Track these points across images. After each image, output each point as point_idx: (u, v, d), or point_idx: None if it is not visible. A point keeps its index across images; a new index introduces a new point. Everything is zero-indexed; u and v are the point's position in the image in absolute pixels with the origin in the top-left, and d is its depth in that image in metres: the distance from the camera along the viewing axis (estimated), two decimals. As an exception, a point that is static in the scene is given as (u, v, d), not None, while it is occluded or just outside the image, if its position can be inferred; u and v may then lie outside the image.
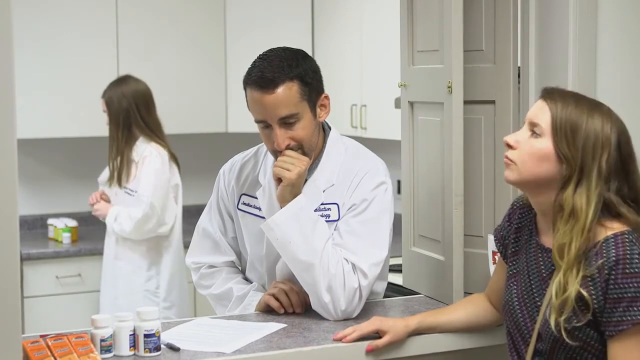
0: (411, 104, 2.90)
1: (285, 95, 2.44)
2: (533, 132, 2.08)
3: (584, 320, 1.98)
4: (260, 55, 2.52)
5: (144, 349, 2.21)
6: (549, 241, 2.11)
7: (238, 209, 2.68)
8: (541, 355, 2.08)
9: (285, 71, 2.45)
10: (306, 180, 2.55)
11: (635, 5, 2.70)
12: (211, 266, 2.75)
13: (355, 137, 2.85)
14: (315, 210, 2.52)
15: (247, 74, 2.50)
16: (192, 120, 5.30)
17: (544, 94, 2.11)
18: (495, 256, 2.63)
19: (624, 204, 2.02)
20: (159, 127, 4.42)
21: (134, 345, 2.21)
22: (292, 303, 2.55)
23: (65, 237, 4.97)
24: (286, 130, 2.47)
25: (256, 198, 2.62)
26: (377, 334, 2.34)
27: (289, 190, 2.47)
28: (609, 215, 2.02)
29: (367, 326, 2.34)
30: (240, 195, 2.67)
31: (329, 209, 2.55)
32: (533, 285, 2.12)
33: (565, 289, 1.98)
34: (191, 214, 4.73)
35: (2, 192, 1.89)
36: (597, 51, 2.66)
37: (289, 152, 2.47)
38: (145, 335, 2.20)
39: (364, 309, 2.51)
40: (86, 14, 5.02)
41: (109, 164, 4.41)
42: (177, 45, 5.24)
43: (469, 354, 2.47)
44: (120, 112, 4.34)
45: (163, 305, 4.34)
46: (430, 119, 2.78)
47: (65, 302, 4.83)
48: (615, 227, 2.00)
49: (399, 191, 3.16)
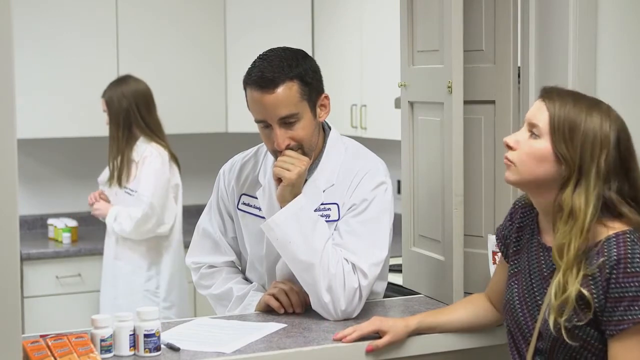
0: (411, 104, 2.90)
1: (285, 95, 2.44)
2: (532, 132, 2.08)
3: (585, 320, 1.98)
4: (260, 55, 2.52)
5: (144, 349, 2.21)
6: (550, 240, 2.10)
7: (238, 209, 2.68)
8: (542, 354, 2.08)
9: (285, 71, 2.45)
10: (306, 180, 2.55)
11: (635, 5, 2.70)
12: (211, 266, 2.75)
13: (355, 137, 2.85)
14: (315, 210, 2.52)
15: (247, 74, 2.50)
16: (192, 120, 5.30)
17: (542, 93, 2.11)
18: (496, 256, 2.63)
19: (625, 203, 2.02)
20: (159, 127, 4.42)
21: (134, 345, 2.21)
22: (292, 303, 2.55)
23: (65, 237, 4.97)
24: (286, 130, 2.47)
25: (256, 198, 2.62)
26: (377, 334, 2.34)
27: (289, 190, 2.47)
28: (610, 215, 2.02)
29: (367, 326, 2.34)
30: (240, 195, 2.67)
31: (329, 209, 2.55)
32: (534, 284, 2.12)
33: (565, 289, 1.98)
34: (191, 214, 4.73)
35: (2, 192, 1.89)
36: (597, 51, 2.66)
37: (289, 152, 2.47)
38: (145, 335, 2.20)
39: (364, 309, 2.51)
40: (86, 14, 5.02)
41: (109, 164, 4.41)
42: (177, 45, 5.24)
43: (469, 354, 2.47)
44: (120, 112, 4.33)
45: (163, 305, 4.34)
46: (430, 119, 2.78)
47: (65, 302, 4.83)
48: (616, 226, 2.00)
49: (399, 191, 3.16)
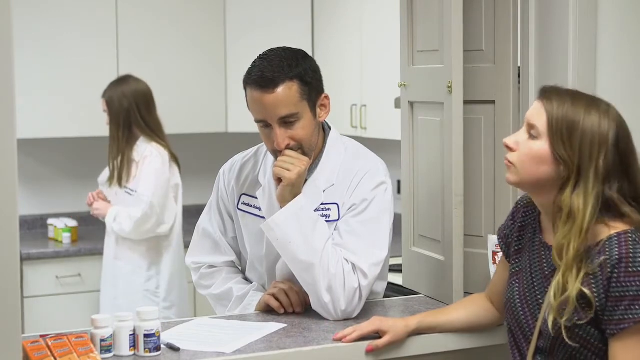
0: (411, 104, 2.90)
1: (285, 94, 2.44)
2: (530, 134, 2.08)
3: (585, 319, 1.98)
4: (261, 55, 2.52)
5: (144, 349, 2.21)
6: (552, 239, 2.10)
7: (238, 209, 2.68)
8: (542, 352, 2.08)
9: (285, 71, 2.45)
10: (306, 180, 2.55)
11: (635, 5, 2.70)
12: (211, 266, 2.75)
13: (355, 137, 2.85)
14: (315, 210, 2.52)
15: (247, 73, 2.50)
16: (192, 120, 5.30)
17: (540, 94, 2.11)
18: (496, 256, 2.63)
19: (626, 203, 2.02)
20: (159, 127, 4.42)
21: (134, 345, 2.21)
22: (292, 303, 2.55)
23: (65, 237, 4.97)
24: (286, 129, 2.47)
25: (256, 198, 2.62)
26: (377, 334, 2.34)
27: (289, 190, 2.47)
28: (612, 214, 2.02)
29: (367, 326, 2.34)
30: (240, 195, 2.67)
31: (329, 209, 2.55)
32: (535, 283, 2.12)
33: (565, 289, 1.98)
34: (191, 214, 4.73)
35: (2, 192, 1.89)
36: (597, 51, 2.66)
37: (288, 152, 2.47)
38: (145, 335, 2.20)
39: (364, 309, 2.51)
40: (86, 14, 5.02)
41: (109, 164, 4.41)
42: (177, 45, 5.24)
43: (469, 354, 2.47)
44: (120, 112, 4.33)
45: (163, 305, 4.34)
46: (430, 119, 2.78)
47: (65, 302, 4.83)
48: (618, 226, 2.00)
49: (399, 191, 3.16)
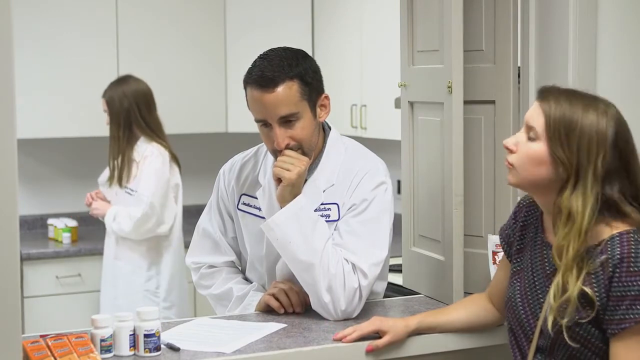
0: (411, 104, 2.90)
1: (285, 94, 2.44)
2: (529, 135, 2.08)
3: (587, 318, 1.98)
4: (261, 55, 2.52)
5: (144, 349, 2.21)
6: (554, 238, 2.10)
7: (238, 209, 2.68)
8: (543, 351, 2.08)
9: (286, 70, 2.45)
10: (306, 180, 2.55)
11: (635, 5, 2.70)
12: (211, 266, 2.75)
13: (355, 137, 2.85)
14: (315, 210, 2.52)
15: (247, 73, 2.50)
16: (192, 120, 5.30)
17: (538, 94, 2.10)
18: (496, 256, 2.63)
19: (628, 202, 2.02)
20: (159, 127, 4.42)
21: (134, 345, 2.21)
22: (292, 303, 2.55)
23: (65, 237, 4.97)
24: (286, 129, 2.46)
25: (256, 198, 2.61)
26: (377, 334, 2.34)
27: (288, 190, 2.47)
28: (614, 214, 2.02)
29: (367, 326, 2.34)
30: (240, 195, 2.67)
31: (329, 209, 2.55)
32: (536, 282, 2.12)
33: (565, 289, 1.98)
34: (191, 214, 4.73)
35: (2, 192, 1.89)
36: (597, 51, 2.66)
37: (288, 152, 2.47)
38: (145, 335, 2.20)
39: (364, 309, 2.51)
40: (86, 14, 5.02)
41: (109, 164, 4.40)
42: (177, 45, 5.24)
43: (469, 353, 2.47)
44: (121, 111, 4.33)
45: (163, 305, 4.34)
46: (430, 119, 2.78)
47: (65, 302, 4.83)
48: (620, 226, 2.00)
49: (399, 191, 3.16)
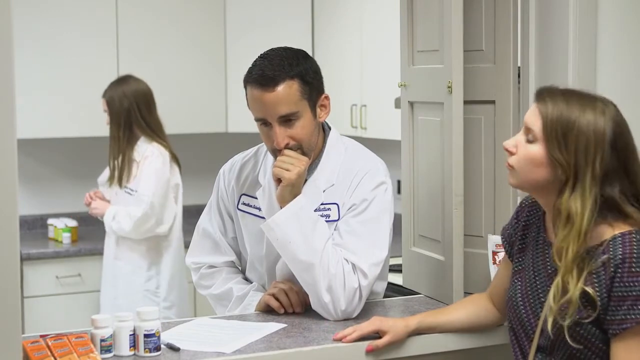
0: (411, 104, 2.90)
1: (285, 93, 2.44)
2: (528, 137, 2.07)
3: (588, 318, 1.98)
4: (261, 54, 2.52)
5: (144, 349, 2.21)
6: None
7: (238, 209, 2.68)
8: (543, 351, 2.08)
9: (286, 69, 2.45)
10: (306, 180, 2.55)
11: (635, 5, 2.70)
12: (211, 266, 2.75)
13: (355, 137, 2.85)
14: (315, 210, 2.52)
15: (247, 72, 2.50)
16: (192, 120, 5.30)
17: (536, 96, 2.10)
18: (495, 256, 2.63)
19: (629, 203, 2.02)
20: (160, 127, 4.42)
21: (134, 345, 2.21)
22: (292, 303, 2.55)
23: (65, 237, 4.97)
24: (286, 128, 2.46)
25: (256, 198, 2.61)
26: (377, 334, 2.34)
27: (288, 190, 2.47)
28: (615, 215, 2.01)
29: (367, 326, 2.34)
30: (240, 195, 2.67)
31: (329, 209, 2.55)
32: (538, 281, 2.12)
33: (566, 291, 1.98)
34: (191, 214, 4.73)
35: (2, 192, 1.89)
36: (597, 51, 2.66)
37: (288, 152, 2.47)
38: (145, 335, 2.20)
39: (364, 309, 2.51)
40: (86, 14, 5.02)
41: (109, 164, 4.40)
42: (177, 45, 5.24)
43: (469, 353, 2.47)
44: (121, 111, 4.33)
45: (163, 305, 4.34)
46: (430, 119, 2.78)
47: (65, 302, 4.83)
48: (622, 227, 2.00)
49: (399, 191, 3.16)
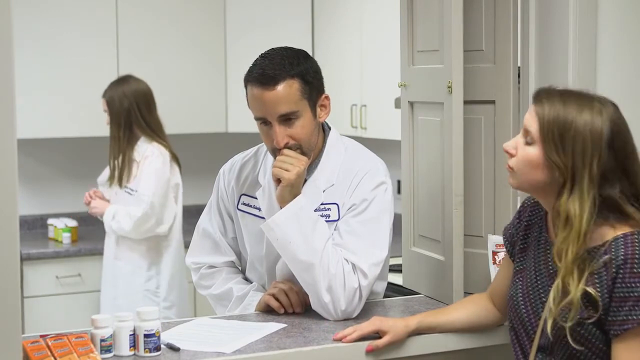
0: (411, 104, 2.90)
1: (285, 92, 2.44)
2: (526, 139, 2.07)
3: (589, 319, 1.97)
4: (262, 54, 2.52)
5: (144, 349, 2.21)
6: None
7: (238, 209, 2.68)
8: (544, 350, 2.08)
9: (287, 69, 2.45)
10: (306, 180, 2.55)
11: (635, 5, 2.70)
12: (211, 266, 2.75)
13: (355, 137, 2.85)
14: (315, 210, 2.52)
15: (248, 71, 2.50)
16: (192, 120, 5.30)
17: (534, 97, 2.10)
18: (495, 256, 2.63)
19: (629, 203, 2.01)
20: (160, 127, 4.42)
21: (134, 345, 2.21)
22: (292, 303, 2.55)
23: (65, 237, 4.97)
24: (285, 128, 2.46)
25: (256, 198, 2.61)
26: (377, 334, 2.34)
27: (288, 190, 2.47)
28: (617, 216, 2.01)
29: (367, 326, 2.34)
30: (240, 196, 2.67)
31: (328, 209, 2.55)
32: (539, 281, 2.12)
33: (566, 292, 1.98)
34: (191, 214, 4.73)
35: (2, 192, 1.89)
36: (597, 51, 2.66)
37: (287, 152, 2.47)
38: (145, 335, 2.20)
39: (364, 309, 2.51)
40: (86, 14, 5.02)
41: (109, 164, 4.40)
42: (177, 45, 5.24)
43: (469, 353, 2.47)
44: (121, 111, 4.33)
45: (163, 305, 4.34)
46: (430, 119, 2.78)
47: (65, 302, 4.83)
48: (624, 227, 2.00)
49: (399, 191, 3.16)
